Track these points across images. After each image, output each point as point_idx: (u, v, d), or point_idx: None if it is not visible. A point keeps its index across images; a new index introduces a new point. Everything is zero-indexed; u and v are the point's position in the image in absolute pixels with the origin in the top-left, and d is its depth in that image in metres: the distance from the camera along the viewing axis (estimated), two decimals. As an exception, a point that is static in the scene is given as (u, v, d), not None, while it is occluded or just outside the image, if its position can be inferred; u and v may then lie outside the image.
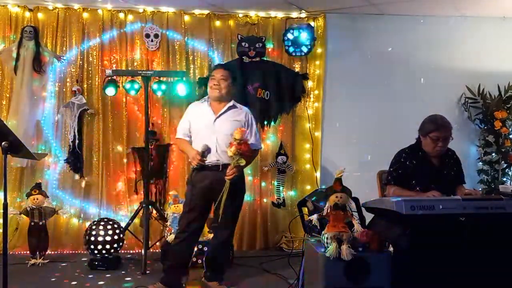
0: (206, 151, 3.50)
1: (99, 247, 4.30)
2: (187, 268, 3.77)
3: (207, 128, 3.61)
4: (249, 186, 5.17)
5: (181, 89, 4.82)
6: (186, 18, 5.13)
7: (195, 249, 4.10)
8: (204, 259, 3.95)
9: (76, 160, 4.91)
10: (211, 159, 3.55)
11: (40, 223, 4.47)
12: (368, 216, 3.43)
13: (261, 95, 5.12)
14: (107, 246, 4.31)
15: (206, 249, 4.14)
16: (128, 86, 4.80)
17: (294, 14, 5.21)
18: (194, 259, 4.28)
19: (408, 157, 3.47)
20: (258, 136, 3.85)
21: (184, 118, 3.79)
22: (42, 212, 4.47)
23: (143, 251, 4.27)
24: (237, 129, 3.43)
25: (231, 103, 3.71)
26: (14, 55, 4.80)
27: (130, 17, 5.06)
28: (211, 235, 4.37)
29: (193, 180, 3.63)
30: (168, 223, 4.23)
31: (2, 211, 3.06)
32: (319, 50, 5.25)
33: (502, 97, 5.17)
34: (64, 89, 5.00)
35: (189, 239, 3.67)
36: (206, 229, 4.39)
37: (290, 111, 5.25)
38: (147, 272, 4.18)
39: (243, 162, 3.44)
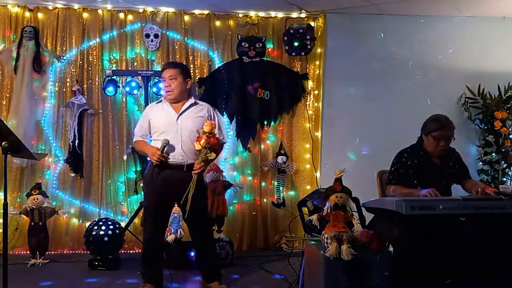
0: (167, 146, 3.43)
1: (99, 247, 4.30)
2: (162, 266, 3.78)
3: (170, 127, 3.51)
4: (249, 186, 5.19)
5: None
6: (186, 18, 5.13)
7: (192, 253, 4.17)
8: (196, 263, 3.94)
9: (76, 160, 4.92)
10: (176, 158, 3.48)
11: (40, 223, 4.47)
12: (368, 216, 3.43)
13: (261, 95, 5.12)
14: (107, 246, 4.31)
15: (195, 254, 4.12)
16: (128, 86, 4.80)
17: (294, 14, 5.21)
18: (194, 259, 4.30)
19: (409, 156, 3.47)
20: (223, 129, 3.75)
21: (143, 120, 3.69)
22: (42, 212, 4.48)
23: (142, 251, 4.26)
24: (206, 122, 3.39)
25: (192, 101, 3.64)
26: (14, 55, 4.81)
27: (130, 17, 5.06)
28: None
29: (154, 180, 3.51)
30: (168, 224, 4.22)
31: (2, 211, 3.06)
32: (319, 50, 5.25)
33: (502, 97, 5.17)
34: (64, 89, 5.00)
35: (157, 242, 3.67)
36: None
37: (290, 111, 5.25)
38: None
39: (212, 155, 3.38)
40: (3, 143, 2.92)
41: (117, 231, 4.39)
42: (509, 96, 5.19)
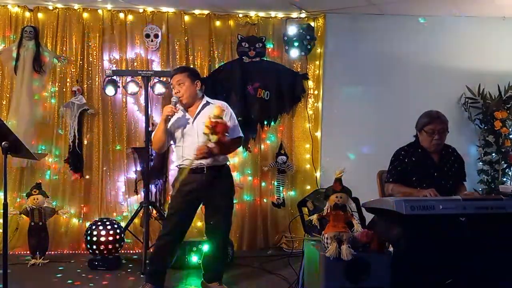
0: (179, 102, 3.50)
1: (99, 247, 4.30)
2: (168, 268, 3.74)
3: (188, 131, 3.52)
4: (249, 186, 5.20)
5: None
6: (186, 18, 5.13)
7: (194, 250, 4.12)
8: (201, 261, 3.91)
9: (76, 160, 4.92)
10: (195, 161, 3.47)
11: (40, 223, 4.47)
12: (368, 216, 3.43)
13: (261, 95, 5.12)
14: (107, 246, 4.32)
15: (203, 251, 4.08)
16: (128, 86, 4.80)
17: (294, 14, 5.21)
18: (195, 258, 4.30)
19: (407, 154, 3.47)
20: (238, 124, 3.67)
21: None
22: (42, 212, 4.48)
23: (143, 251, 4.27)
24: (216, 106, 3.36)
25: (204, 101, 3.61)
26: (14, 55, 4.81)
27: (130, 17, 5.06)
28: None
29: (178, 183, 3.55)
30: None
31: (2, 211, 3.06)
32: (319, 50, 5.25)
33: (502, 97, 5.17)
34: (64, 89, 5.00)
35: (173, 242, 3.65)
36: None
37: (290, 111, 5.25)
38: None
39: (214, 138, 3.26)
40: (3, 143, 2.92)
41: (117, 231, 4.39)
42: (509, 96, 5.18)
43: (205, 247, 3.98)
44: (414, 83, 5.20)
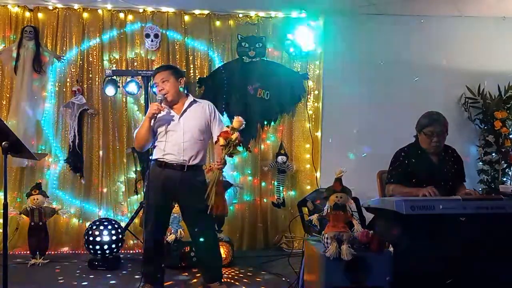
0: (164, 100, 3.50)
1: (99, 247, 4.30)
2: (163, 265, 3.74)
3: (173, 127, 3.51)
4: (249, 186, 5.20)
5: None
6: (186, 18, 5.13)
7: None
8: (197, 264, 3.89)
9: (76, 160, 4.92)
10: (177, 157, 3.47)
11: (40, 223, 4.47)
12: (368, 216, 3.43)
13: (261, 95, 5.13)
14: (107, 246, 4.32)
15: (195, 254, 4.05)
16: (128, 86, 4.80)
17: (294, 14, 5.21)
18: (194, 259, 4.30)
19: (407, 155, 3.47)
20: (223, 125, 3.69)
21: None
22: (42, 212, 4.48)
23: (143, 251, 4.26)
24: (236, 118, 3.37)
25: (191, 99, 3.62)
26: (14, 55, 4.81)
27: (130, 17, 5.07)
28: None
29: (155, 179, 3.53)
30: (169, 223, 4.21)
31: (2, 211, 3.06)
32: (319, 50, 5.25)
33: (502, 97, 5.17)
34: (64, 89, 5.00)
35: (158, 238, 3.65)
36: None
37: (290, 111, 5.25)
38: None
39: (238, 151, 3.34)
40: (3, 143, 2.92)
41: (117, 231, 4.39)
42: (509, 96, 5.18)
43: (196, 250, 3.96)
44: (414, 83, 5.19)
